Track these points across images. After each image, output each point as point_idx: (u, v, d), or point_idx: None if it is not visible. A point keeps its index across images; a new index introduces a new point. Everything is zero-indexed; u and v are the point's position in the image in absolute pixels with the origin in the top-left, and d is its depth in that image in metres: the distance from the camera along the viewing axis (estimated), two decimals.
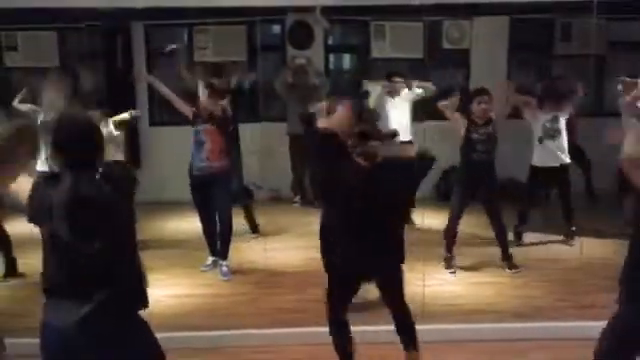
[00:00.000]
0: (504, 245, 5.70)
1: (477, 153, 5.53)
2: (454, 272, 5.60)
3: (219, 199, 5.61)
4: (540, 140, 6.16)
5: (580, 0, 6.74)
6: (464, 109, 5.66)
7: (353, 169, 3.49)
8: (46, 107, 5.87)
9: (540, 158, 6.19)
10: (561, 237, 6.42)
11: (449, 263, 5.65)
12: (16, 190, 2.53)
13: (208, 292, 5.32)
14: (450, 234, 5.66)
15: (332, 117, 4.19)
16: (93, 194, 2.38)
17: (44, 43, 8.25)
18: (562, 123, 6.12)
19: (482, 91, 5.63)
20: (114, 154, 5.28)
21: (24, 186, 2.51)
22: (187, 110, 5.60)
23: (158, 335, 2.72)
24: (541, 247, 6.36)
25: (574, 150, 6.38)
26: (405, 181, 3.66)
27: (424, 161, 3.74)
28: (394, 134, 4.20)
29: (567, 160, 6.19)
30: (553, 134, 6.11)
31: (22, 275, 5.58)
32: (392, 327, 3.67)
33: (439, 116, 5.84)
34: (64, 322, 2.40)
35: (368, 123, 3.73)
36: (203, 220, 5.74)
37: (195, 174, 5.55)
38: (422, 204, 7.27)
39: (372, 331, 4.14)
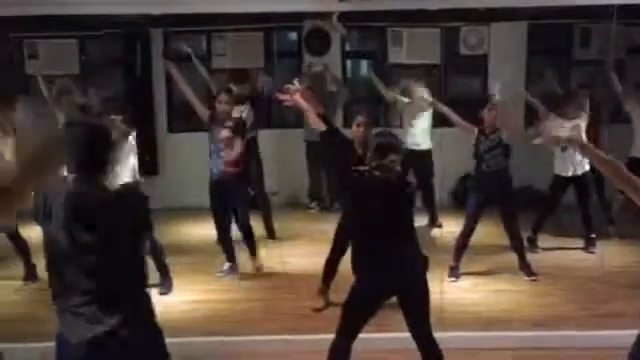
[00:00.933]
0: (521, 253, 5.64)
1: (486, 162, 5.49)
2: (455, 280, 5.55)
3: (238, 204, 5.66)
4: (563, 148, 6.10)
5: (599, 5, 6.70)
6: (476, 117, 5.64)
7: (370, 184, 3.45)
8: (66, 113, 5.96)
9: (561, 167, 6.15)
10: (578, 243, 6.35)
11: (452, 272, 5.59)
12: None
13: (224, 298, 5.33)
14: (462, 243, 5.60)
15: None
16: (90, 198, 2.40)
17: (64, 51, 8.36)
18: (583, 131, 6.06)
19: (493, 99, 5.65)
20: (128, 160, 5.31)
21: None
22: (204, 112, 5.63)
23: (173, 340, 2.73)
24: (559, 254, 6.28)
25: None
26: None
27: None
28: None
29: (587, 168, 6.13)
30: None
31: (40, 279, 5.63)
32: (402, 334, 3.63)
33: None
34: (78, 338, 2.40)
35: (385, 136, 3.66)
36: (219, 226, 5.76)
37: (214, 179, 5.57)
38: (439, 211, 7.29)
39: (381, 338, 4.12)
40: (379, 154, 3.41)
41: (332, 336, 3.56)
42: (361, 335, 3.54)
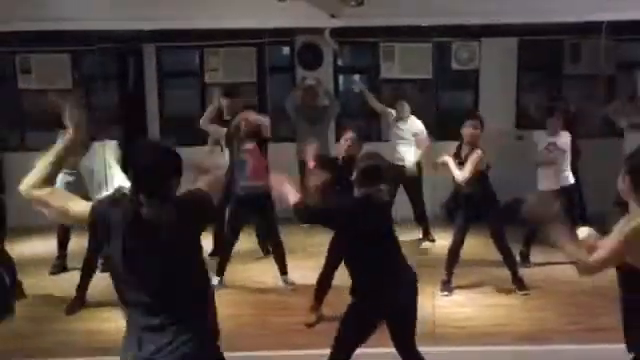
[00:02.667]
0: (513, 267, 5.65)
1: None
2: (448, 294, 5.55)
3: (269, 218, 5.72)
4: (538, 164, 6.18)
5: (589, 21, 6.79)
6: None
7: (362, 205, 3.46)
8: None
9: (547, 182, 6.21)
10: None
11: (445, 286, 5.59)
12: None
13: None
14: (452, 256, 5.60)
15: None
16: (150, 217, 2.39)
17: (57, 66, 8.36)
18: (562, 147, 6.14)
19: (472, 114, 5.69)
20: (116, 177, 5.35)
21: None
22: (219, 131, 5.67)
23: None
24: (551, 268, 6.28)
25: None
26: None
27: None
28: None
29: (571, 181, 6.17)
30: (550, 159, 6.13)
31: (26, 297, 5.56)
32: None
33: (447, 136, 5.86)
34: (142, 355, 2.40)
35: (373, 158, 3.61)
36: (231, 242, 5.75)
37: (240, 194, 5.57)
38: (431, 224, 7.30)
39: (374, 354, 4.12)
40: (367, 182, 3.42)
41: (324, 351, 3.55)
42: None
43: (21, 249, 6.71)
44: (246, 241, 6.32)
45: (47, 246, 6.56)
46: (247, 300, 5.56)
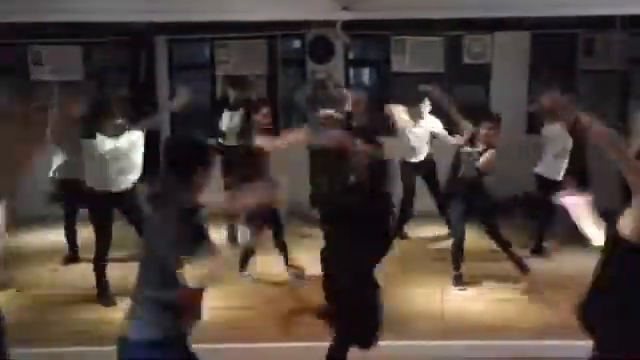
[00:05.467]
0: (513, 256, 5.66)
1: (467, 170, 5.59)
2: (464, 289, 5.53)
3: (276, 210, 5.72)
4: (556, 156, 6.18)
5: (603, 15, 6.72)
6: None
7: None
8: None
9: (549, 171, 6.23)
10: (584, 251, 6.31)
11: (457, 281, 5.57)
12: None
13: (225, 305, 5.29)
14: (457, 250, 5.61)
15: None
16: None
17: (69, 57, 8.38)
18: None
19: (489, 115, 5.80)
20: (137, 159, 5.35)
21: None
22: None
23: None
24: (565, 262, 6.24)
25: None
26: None
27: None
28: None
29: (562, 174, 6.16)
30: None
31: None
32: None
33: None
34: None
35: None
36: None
37: None
38: (436, 217, 7.24)
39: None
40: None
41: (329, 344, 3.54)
42: None
43: (31, 239, 6.75)
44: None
45: (59, 236, 6.58)
46: (257, 292, 5.55)
